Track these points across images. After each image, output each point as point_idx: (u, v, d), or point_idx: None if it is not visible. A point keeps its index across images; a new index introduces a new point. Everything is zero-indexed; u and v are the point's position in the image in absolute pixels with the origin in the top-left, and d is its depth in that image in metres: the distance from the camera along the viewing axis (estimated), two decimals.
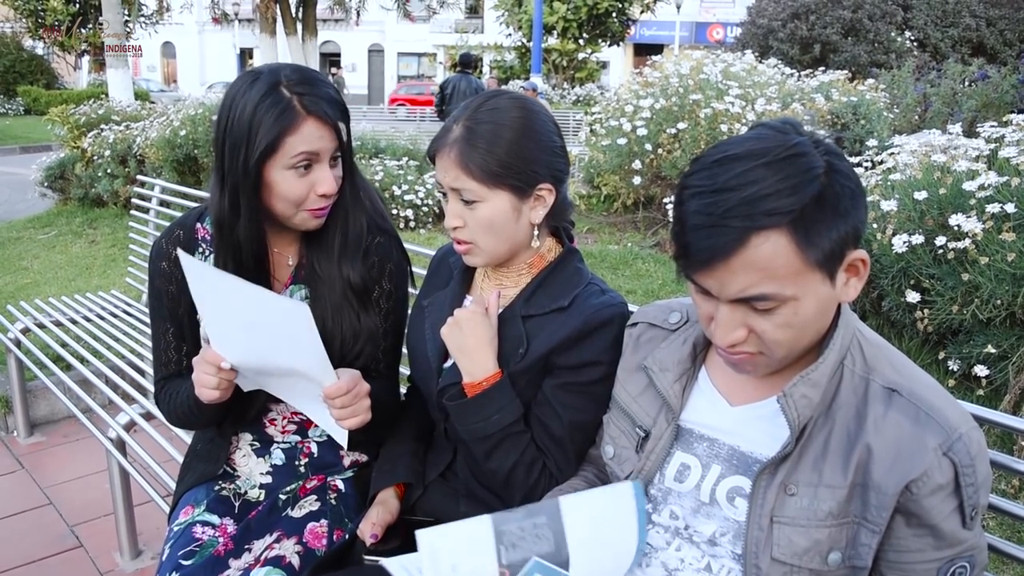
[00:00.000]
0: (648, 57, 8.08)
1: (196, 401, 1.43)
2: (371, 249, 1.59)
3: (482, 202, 1.30)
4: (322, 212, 1.47)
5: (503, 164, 1.28)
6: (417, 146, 7.66)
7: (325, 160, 1.43)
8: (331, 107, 1.41)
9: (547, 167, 1.33)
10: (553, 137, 1.35)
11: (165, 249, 1.57)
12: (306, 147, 1.39)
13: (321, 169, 1.43)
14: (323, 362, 1.28)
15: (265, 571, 1.39)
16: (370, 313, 1.56)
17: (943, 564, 1.02)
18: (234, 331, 1.33)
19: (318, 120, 1.39)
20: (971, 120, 6.68)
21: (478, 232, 1.33)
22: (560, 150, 1.36)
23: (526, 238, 1.36)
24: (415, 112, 21.33)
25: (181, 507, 1.58)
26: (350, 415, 1.35)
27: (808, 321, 1.01)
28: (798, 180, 0.95)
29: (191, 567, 1.42)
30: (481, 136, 1.29)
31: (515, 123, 1.30)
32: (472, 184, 1.29)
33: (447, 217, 1.35)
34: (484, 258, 1.36)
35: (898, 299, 3.28)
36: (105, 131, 7.74)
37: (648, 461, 1.20)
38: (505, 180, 1.29)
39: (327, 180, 1.43)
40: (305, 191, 1.43)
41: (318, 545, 1.49)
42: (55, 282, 5.37)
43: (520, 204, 1.32)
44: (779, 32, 16.04)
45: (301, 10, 15.10)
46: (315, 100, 1.39)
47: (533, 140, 1.31)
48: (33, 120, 20.00)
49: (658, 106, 6.39)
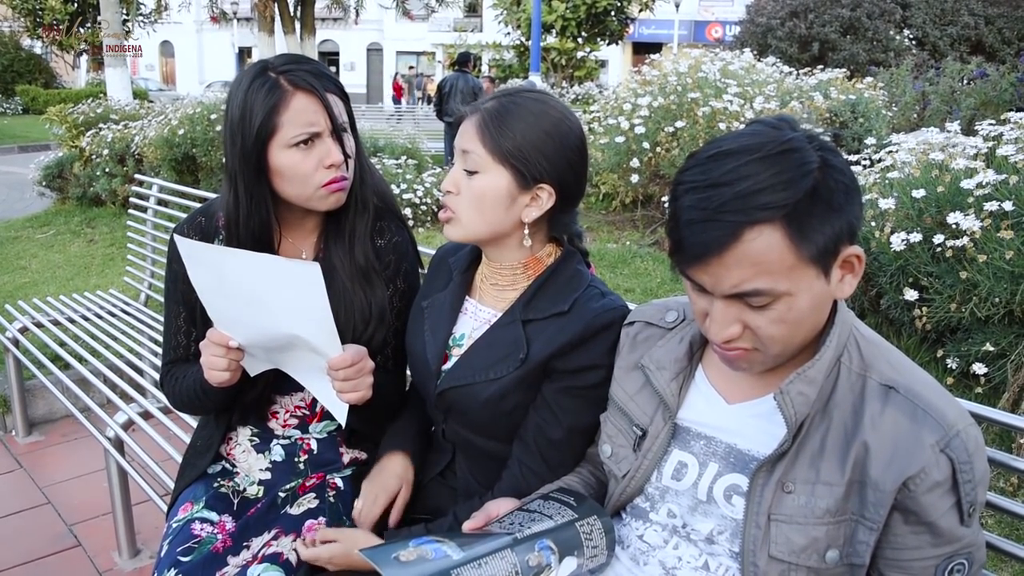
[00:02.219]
0: (647, 56, 8.06)
1: (204, 385, 1.45)
2: (388, 248, 1.61)
3: (482, 173, 1.31)
4: (338, 185, 1.47)
5: (515, 144, 1.29)
6: (415, 145, 7.65)
7: (325, 132, 1.43)
8: (317, 80, 1.43)
9: (555, 170, 1.32)
10: (574, 150, 1.34)
11: (185, 234, 1.59)
12: (301, 120, 1.41)
13: (323, 142, 1.44)
14: (330, 331, 1.28)
15: (262, 568, 1.39)
16: (379, 294, 1.57)
17: (941, 561, 1.02)
18: (238, 309, 1.34)
19: (306, 93, 1.41)
20: (969, 118, 6.68)
21: (466, 203, 1.33)
22: (575, 165, 1.35)
23: (511, 230, 1.35)
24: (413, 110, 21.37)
25: (180, 504, 1.58)
26: (352, 388, 1.35)
27: (802, 317, 1.01)
28: (792, 175, 0.95)
29: (189, 563, 1.42)
30: (508, 113, 1.31)
31: (544, 117, 1.32)
32: (480, 150, 1.31)
33: (444, 180, 1.37)
34: (461, 231, 1.36)
35: (896, 297, 3.28)
36: (103, 130, 7.73)
37: (645, 460, 1.19)
38: (510, 160, 1.30)
39: (332, 151, 1.44)
40: (313, 166, 1.44)
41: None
42: (53, 281, 5.37)
43: (516, 192, 1.32)
44: (778, 30, 16.01)
45: (299, 9, 15.08)
46: (300, 75, 1.42)
47: (553, 139, 1.31)
48: (31, 119, 19.98)
49: (656, 104, 6.38)
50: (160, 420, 2.38)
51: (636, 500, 1.23)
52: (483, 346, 1.39)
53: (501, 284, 1.43)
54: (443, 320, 1.46)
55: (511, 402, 1.36)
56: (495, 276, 1.43)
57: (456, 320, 1.47)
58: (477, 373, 1.37)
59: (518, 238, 1.37)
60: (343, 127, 1.47)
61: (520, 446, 1.38)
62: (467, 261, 1.50)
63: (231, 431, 1.66)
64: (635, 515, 1.23)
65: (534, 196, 1.33)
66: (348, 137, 1.49)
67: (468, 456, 1.47)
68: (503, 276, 1.42)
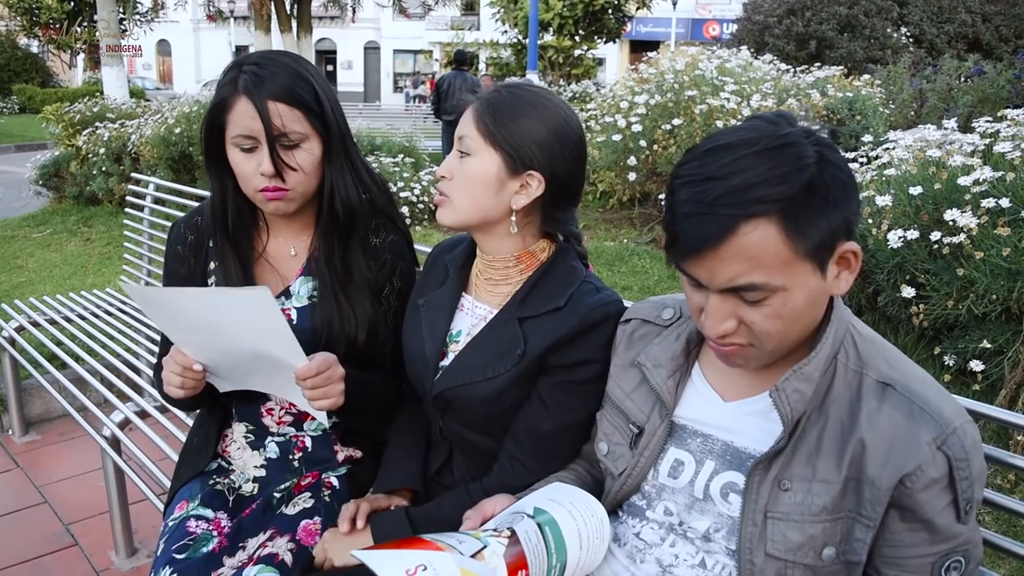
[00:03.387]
0: (644, 54, 8.05)
1: (164, 392, 1.47)
2: (384, 247, 1.61)
3: (473, 156, 1.33)
4: (271, 195, 1.46)
5: (508, 129, 1.31)
6: (413, 143, 7.65)
7: (260, 141, 1.42)
8: (260, 87, 1.41)
9: (546, 159, 1.32)
10: (568, 143, 1.34)
11: (182, 233, 1.62)
12: (240, 124, 1.42)
13: (261, 151, 1.43)
14: (292, 345, 1.29)
15: (257, 569, 1.39)
16: (369, 301, 1.57)
17: (938, 559, 1.01)
18: (201, 338, 1.36)
19: (248, 101, 1.41)
20: (967, 115, 6.69)
21: (458, 186, 1.35)
22: (569, 159, 1.35)
23: (500, 216, 1.36)
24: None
25: (176, 502, 1.58)
26: (321, 396, 1.36)
27: (798, 312, 1.01)
28: (788, 169, 0.95)
29: (185, 561, 1.42)
30: (505, 101, 1.33)
31: (540, 107, 1.33)
32: (474, 133, 1.33)
33: (441, 165, 1.39)
34: (453, 215, 1.37)
35: (893, 294, 3.28)
36: (100, 129, 7.72)
37: (642, 457, 1.19)
38: (501, 144, 1.31)
39: (264, 161, 1.43)
40: (251, 171, 1.45)
41: (311, 542, 1.48)
42: (50, 280, 5.36)
43: (506, 177, 1.33)
44: (775, 28, 16.02)
45: (296, 7, 15.06)
46: (254, 80, 1.41)
47: (547, 129, 1.32)
48: (28, 118, 19.93)
49: (653, 102, 6.38)
50: (157, 419, 2.37)
51: (633, 498, 1.23)
52: (480, 344, 1.39)
53: (495, 279, 1.43)
54: (440, 317, 1.46)
55: (508, 399, 1.36)
56: (489, 270, 1.43)
57: (453, 317, 1.47)
58: (474, 372, 1.37)
59: (507, 226, 1.37)
60: (286, 139, 1.44)
61: (511, 441, 1.38)
62: (463, 258, 1.50)
63: (227, 428, 1.66)
64: (632, 513, 1.23)
65: (524, 183, 1.33)
66: (298, 150, 1.45)
67: (465, 454, 1.46)
68: (496, 270, 1.42)
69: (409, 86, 33.39)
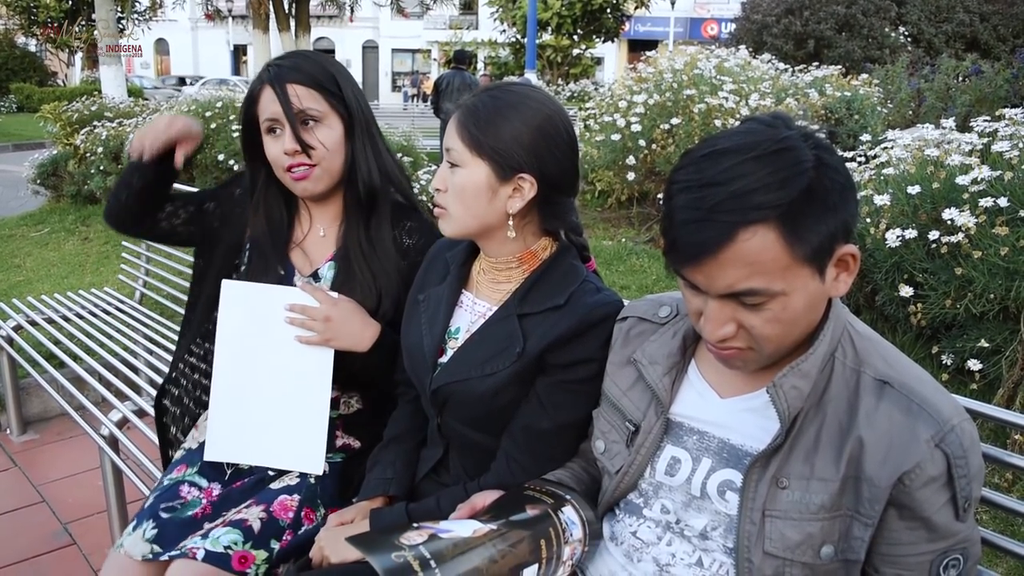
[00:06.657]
0: (642, 53, 8.06)
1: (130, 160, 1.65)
2: (415, 248, 1.68)
3: (462, 167, 1.33)
4: (295, 174, 1.59)
5: (491, 136, 1.30)
6: (411, 142, 7.63)
7: (282, 122, 1.56)
8: (279, 73, 1.56)
9: (534, 159, 1.31)
10: (554, 139, 1.33)
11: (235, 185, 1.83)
12: (266, 111, 1.57)
13: (285, 131, 1.56)
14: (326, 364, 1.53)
15: (225, 531, 1.44)
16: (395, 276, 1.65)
17: (936, 556, 1.01)
18: (249, 347, 1.57)
19: (270, 88, 1.56)
20: (965, 115, 6.69)
21: (452, 198, 1.35)
22: (557, 154, 1.33)
23: (497, 222, 1.35)
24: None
25: (176, 464, 1.65)
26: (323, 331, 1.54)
27: (797, 316, 1.00)
28: (787, 174, 0.95)
29: (167, 520, 1.49)
30: (485, 107, 1.32)
31: (521, 107, 1.32)
32: (459, 145, 1.32)
33: (434, 178, 1.39)
34: (452, 226, 1.37)
35: (891, 293, 3.28)
36: (98, 128, 7.69)
37: (638, 455, 1.19)
38: (486, 151, 1.30)
39: (286, 139, 1.56)
40: (279, 152, 1.58)
41: (283, 516, 1.51)
42: (48, 279, 5.35)
43: (497, 184, 1.32)
44: (773, 28, 16.04)
45: (294, 6, 15.06)
46: (276, 72, 1.57)
47: (530, 129, 1.31)
48: (26, 117, 19.92)
49: (652, 102, 6.38)
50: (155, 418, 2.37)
51: (630, 496, 1.23)
52: (479, 341, 1.39)
53: (498, 278, 1.43)
54: (440, 313, 1.46)
55: (507, 397, 1.36)
56: (491, 270, 1.43)
57: (452, 313, 1.47)
58: (473, 368, 1.37)
59: (502, 225, 1.36)
60: (304, 117, 1.56)
61: (508, 439, 1.38)
62: (464, 255, 1.50)
63: None
64: (629, 511, 1.23)
65: (516, 186, 1.33)
66: (318, 127, 1.58)
67: (462, 451, 1.46)
68: (499, 270, 1.42)
69: (407, 85, 33.44)
